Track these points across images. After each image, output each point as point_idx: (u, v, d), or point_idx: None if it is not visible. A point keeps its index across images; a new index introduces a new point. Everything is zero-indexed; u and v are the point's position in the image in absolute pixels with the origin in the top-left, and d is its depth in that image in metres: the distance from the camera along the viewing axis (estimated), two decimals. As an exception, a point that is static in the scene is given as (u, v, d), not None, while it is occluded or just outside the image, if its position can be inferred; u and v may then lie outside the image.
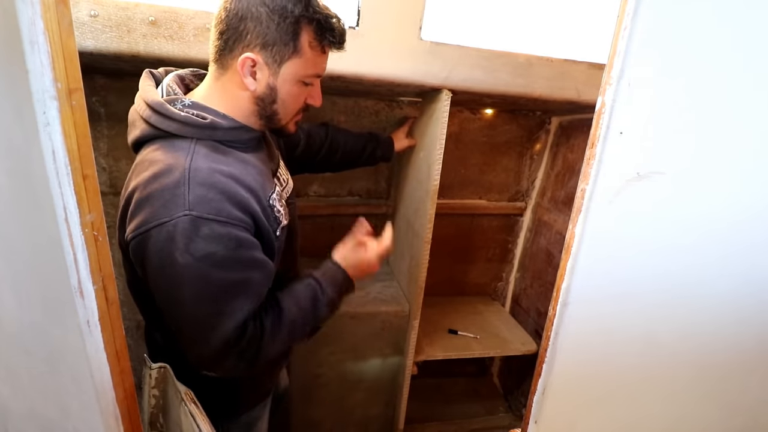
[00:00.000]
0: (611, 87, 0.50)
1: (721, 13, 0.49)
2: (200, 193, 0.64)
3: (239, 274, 0.68)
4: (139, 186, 0.65)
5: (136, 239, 0.65)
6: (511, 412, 1.90)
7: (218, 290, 0.66)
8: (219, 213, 0.65)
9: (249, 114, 0.75)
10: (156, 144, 0.70)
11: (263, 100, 0.74)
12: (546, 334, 0.63)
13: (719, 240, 0.60)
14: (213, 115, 0.71)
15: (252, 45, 0.69)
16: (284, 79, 0.72)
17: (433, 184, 1.23)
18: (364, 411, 1.54)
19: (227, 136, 0.72)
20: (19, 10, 0.37)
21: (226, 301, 0.67)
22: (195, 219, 0.63)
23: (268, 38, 0.68)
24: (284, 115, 0.77)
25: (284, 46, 0.69)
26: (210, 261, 0.64)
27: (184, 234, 0.62)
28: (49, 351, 0.53)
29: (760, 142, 0.55)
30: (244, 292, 0.69)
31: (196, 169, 0.65)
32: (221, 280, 0.66)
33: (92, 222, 0.46)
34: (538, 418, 0.67)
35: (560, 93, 1.19)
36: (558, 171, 1.69)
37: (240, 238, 0.67)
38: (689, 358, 0.68)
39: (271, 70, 0.71)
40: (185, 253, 0.63)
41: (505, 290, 1.98)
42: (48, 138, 0.41)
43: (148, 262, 0.65)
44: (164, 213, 0.63)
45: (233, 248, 0.66)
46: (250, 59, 0.69)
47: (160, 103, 0.69)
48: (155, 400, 0.81)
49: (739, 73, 0.51)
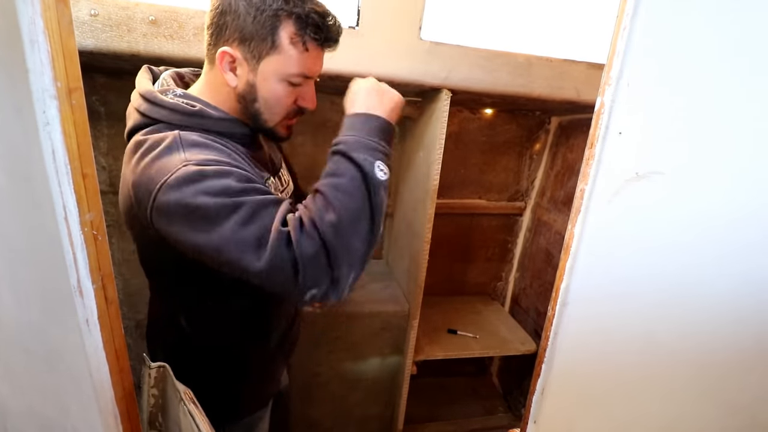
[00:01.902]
0: (610, 87, 0.50)
1: (720, 13, 0.49)
2: (195, 150, 0.63)
3: (260, 197, 0.62)
4: (131, 171, 0.64)
5: (154, 211, 0.61)
6: (510, 412, 1.90)
7: (249, 213, 0.60)
8: (219, 162, 0.63)
9: (236, 112, 0.74)
10: (144, 132, 0.68)
11: (244, 97, 0.72)
12: (545, 334, 0.63)
13: (718, 239, 0.60)
14: (203, 104, 0.70)
15: (230, 39, 0.67)
16: (264, 77, 0.69)
17: (432, 183, 1.23)
18: (363, 410, 1.54)
19: (217, 126, 0.70)
20: (19, 9, 0.37)
21: (261, 218, 0.60)
22: (195, 166, 0.60)
23: (245, 32, 0.66)
24: (269, 116, 0.74)
25: (262, 41, 0.67)
26: (227, 192, 0.60)
27: (191, 179, 0.59)
28: (48, 350, 0.53)
29: (759, 142, 0.55)
30: (274, 206, 0.62)
31: (185, 134, 0.64)
32: (247, 203, 0.60)
33: (92, 221, 0.46)
34: (537, 418, 0.67)
35: (560, 93, 1.19)
36: (557, 171, 1.69)
37: (248, 175, 0.64)
38: (688, 358, 0.68)
39: (250, 66, 0.69)
40: (201, 194, 0.59)
41: (504, 290, 1.98)
42: (48, 137, 0.41)
43: (174, 223, 0.61)
44: (165, 172, 0.60)
45: (245, 180, 0.62)
46: (227, 54, 0.67)
47: (151, 92, 0.69)
48: (154, 400, 0.81)
49: (738, 73, 0.52)
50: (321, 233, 0.60)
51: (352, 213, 0.62)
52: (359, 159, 0.65)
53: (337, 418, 1.54)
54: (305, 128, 1.50)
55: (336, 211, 0.61)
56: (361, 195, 0.63)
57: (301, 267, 0.59)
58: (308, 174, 1.58)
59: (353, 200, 0.63)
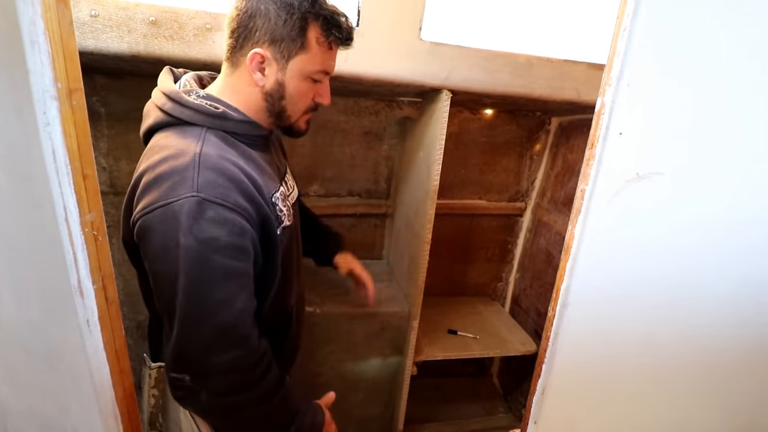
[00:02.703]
0: (611, 88, 0.50)
1: (719, 14, 0.49)
2: (209, 177, 0.64)
3: (239, 263, 0.67)
4: (149, 168, 0.66)
5: (142, 218, 0.65)
6: (511, 413, 1.90)
7: (217, 276, 0.65)
8: (226, 199, 0.65)
9: (258, 110, 0.76)
10: (168, 131, 0.71)
11: (272, 95, 0.75)
12: (545, 335, 0.63)
13: (719, 241, 0.60)
14: (225, 106, 0.73)
15: (261, 41, 0.70)
16: (292, 75, 0.74)
17: (432, 184, 1.23)
18: (363, 411, 1.54)
19: (237, 128, 0.73)
20: (19, 9, 0.37)
21: (224, 289, 0.65)
22: (202, 201, 0.63)
23: (276, 34, 0.70)
24: (293, 112, 0.78)
25: (292, 41, 0.71)
26: (213, 245, 0.63)
27: (190, 215, 0.62)
28: (48, 350, 0.53)
29: (759, 143, 0.55)
30: (243, 284, 0.68)
31: (206, 154, 0.66)
32: (221, 267, 0.65)
33: (92, 221, 0.46)
34: (538, 419, 0.67)
35: (560, 93, 1.19)
36: (558, 171, 1.69)
37: (243, 227, 0.67)
38: (688, 359, 0.68)
39: (279, 66, 0.73)
40: (188, 233, 0.62)
41: (504, 290, 1.98)
42: (48, 138, 0.41)
43: (151, 242, 0.65)
44: (172, 194, 0.63)
45: (237, 235, 0.66)
46: (259, 54, 0.71)
47: (176, 92, 0.72)
48: (155, 400, 0.81)
49: (737, 74, 0.52)
50: (254, 375, 0.70)
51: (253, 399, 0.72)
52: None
53: (337, 418, 1.53)
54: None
55: (253, 412, 0.72)
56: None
57: (219, 369, 0.67)
58: (308, 174, 1.59)
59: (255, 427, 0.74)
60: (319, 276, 1.49)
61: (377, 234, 1.74)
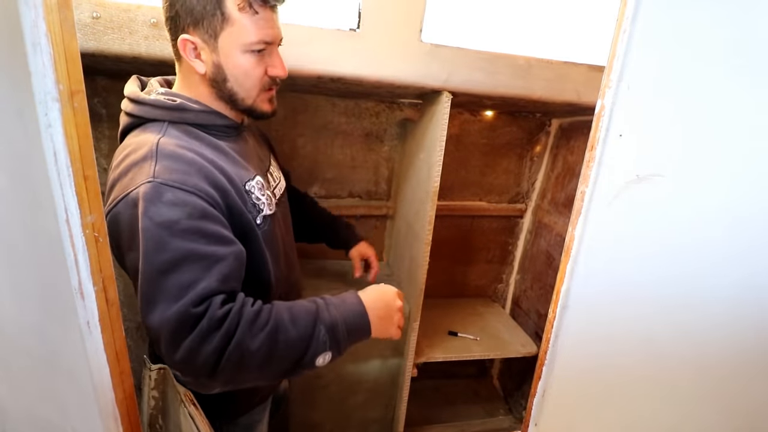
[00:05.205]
0: (611, 90, 0.50)
1: (719, 17, 0.49)
2: (166, 164, 0.64)
3: (201, 246, 0.62)
4: (113, 168, 0.68)
5: (109, 214, 0.65)
6: (511, 414, 1.90)
7: (178, 260, 0.61)
8: (185, 183, 0.64)
9: (212, 99, 0.75)
10: (134, 132, 0.72)
11: (215, 80, 0.73)
12: (546, 337, 0.63)
13: (719, 242, 0.60)
14: (184, 99, 0.72)
15: (185, 27, 0.69)
16: (226, 53, 0.70)
17: (433, 185, 1.23)
18: (363, 413, 1.54)
19: (199, 119, 0.72)
20: (21, 12, 0.37)
21: (186, 273, 0.61)
22: (158, 185, 0.62)
23: (195, 14, 0.67)
24: (245, 93, 0.74)
25: (212, 17, 0.67)
26: (170, 228, 0.61)
27: (146, 198, 0.61)
28: (48, 351, 0.53)
29: (759, 145, 0.55)
30: (206, 267, 0.62)
31: (164, 143, 0.66)
32: (181, 250, 0.61)
33: (93, 223, 0.46)
34: (538, 421, 0.67)
35: (560, 95, 1.19)
36: (558, 173, 1.69)
37: (205, 209, 0.64)
38: (688, 361, 0.67)
39: (210, 47, 0.70)
40: (145, 216, 0.60)
41: (505, 292, 1.98)
42: (50, 139, 0.41)
43: (120, 235, 0.64)
44: (131, 184, 0.63)
45: (197, 218, 0.63)
46: (188, 41, 0.69)
47: (135, 92, 0.73)
48: (155, 402, 0.81)
49: (737, 76, 0.52)
50: (227, 352, 0.60)
51: (269, 361, 0.64)
52: (319, 335, 0.67)
53: (337, 420, 1.53)
54: (306, 130, 1.51)
55: (259, 346, 0.62)
56: (290, 358, 0.65)
57: (183, 355, 0.60)
58: (309, 176, 1.59)
59: (279, 355, 0.64)
60: (320, 277, 1.49)
61: (377, 235, 1.74)
